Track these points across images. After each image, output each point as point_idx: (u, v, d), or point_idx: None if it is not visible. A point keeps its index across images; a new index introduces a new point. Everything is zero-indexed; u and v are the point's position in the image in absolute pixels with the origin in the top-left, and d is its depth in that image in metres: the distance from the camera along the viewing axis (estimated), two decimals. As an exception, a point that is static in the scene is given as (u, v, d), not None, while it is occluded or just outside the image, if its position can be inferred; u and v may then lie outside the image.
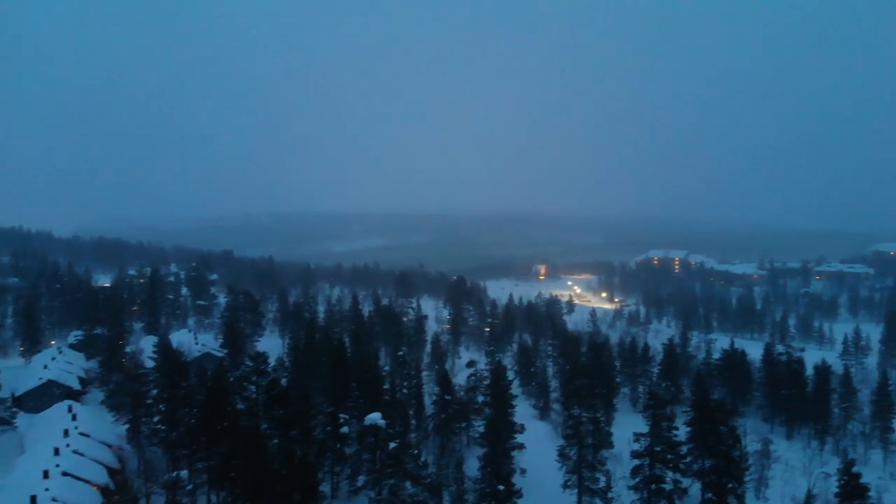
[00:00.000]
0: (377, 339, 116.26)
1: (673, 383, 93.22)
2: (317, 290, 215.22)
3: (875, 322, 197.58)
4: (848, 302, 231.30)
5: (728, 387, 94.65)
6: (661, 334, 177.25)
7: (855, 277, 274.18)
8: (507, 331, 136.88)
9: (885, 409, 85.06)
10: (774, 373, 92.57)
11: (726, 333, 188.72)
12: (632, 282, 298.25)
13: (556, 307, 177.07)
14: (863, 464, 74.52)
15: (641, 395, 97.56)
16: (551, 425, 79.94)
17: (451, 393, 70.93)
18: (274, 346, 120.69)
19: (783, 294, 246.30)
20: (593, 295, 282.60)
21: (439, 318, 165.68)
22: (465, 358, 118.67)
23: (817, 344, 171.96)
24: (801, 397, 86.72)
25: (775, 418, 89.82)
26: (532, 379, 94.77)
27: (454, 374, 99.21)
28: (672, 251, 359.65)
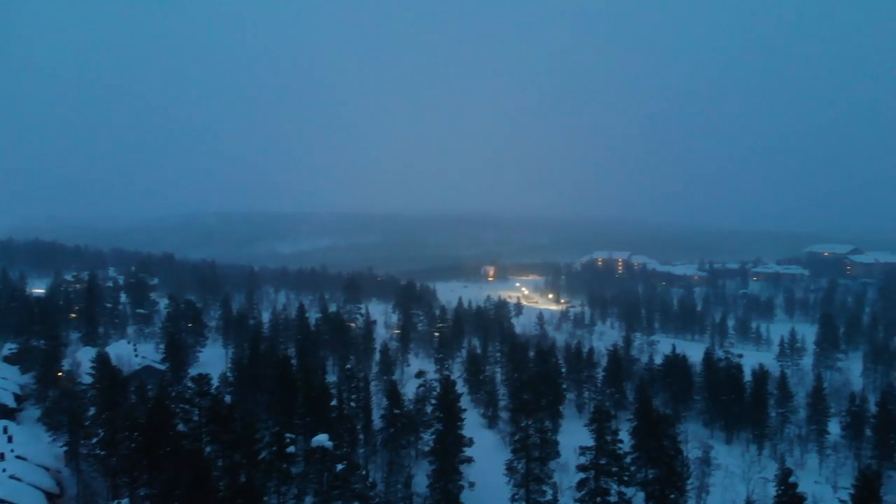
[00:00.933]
0: (325, 348, 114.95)
1: (617, 389, 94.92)
2: (261, 296, 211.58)
3: (810, 322, 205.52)
4: (784, 303, 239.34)
5: (670, 392, 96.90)
6: (605, 336, 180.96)
7: (790, 278, 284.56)
8: (456, 336, 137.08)
9: (821, 412, 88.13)
10: (714, 378, 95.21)
11: (668, 335, 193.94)
12: (577, 283, 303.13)
13: (504, 310, 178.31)
14: (799, 467, 77.38)
15: (587, 401, 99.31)
16: (500, 435, 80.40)
17: (400, 406, 70.64)
18: (217, 356, 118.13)
19: (722, 295, 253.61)
20: (540, 296, 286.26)
21: (388, 324, 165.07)
22: (415, 365, 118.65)
23: (755, 345, 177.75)
24: (739, 402, 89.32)
25: (715, 423, 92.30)
26: (481, 387, 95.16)
27: (403, 384, 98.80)
28: (616, 252, 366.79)
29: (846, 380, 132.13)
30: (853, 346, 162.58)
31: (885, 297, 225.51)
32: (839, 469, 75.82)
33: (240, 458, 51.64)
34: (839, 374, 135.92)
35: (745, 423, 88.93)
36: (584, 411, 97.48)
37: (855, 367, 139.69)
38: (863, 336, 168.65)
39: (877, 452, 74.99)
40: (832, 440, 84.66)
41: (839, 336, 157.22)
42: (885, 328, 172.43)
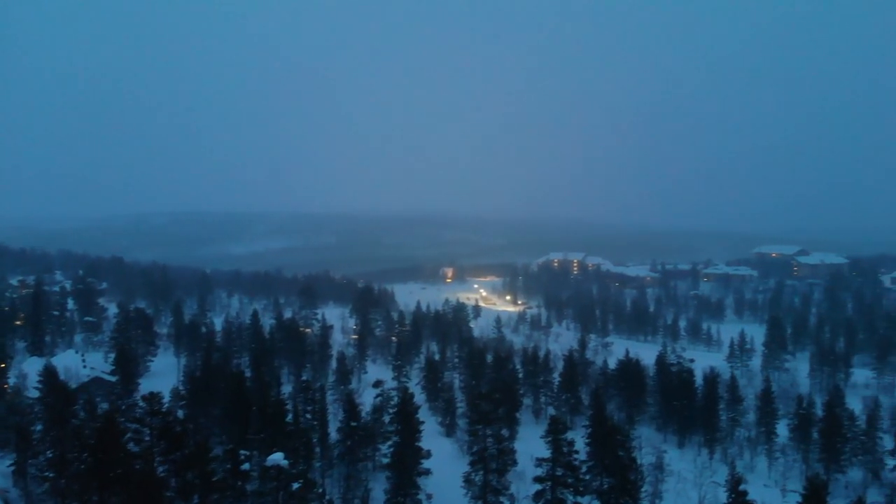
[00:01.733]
0: (280, 356, 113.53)
1: (573, 395, 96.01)
2: (214, 301, 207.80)
3: (759, 323, 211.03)
4: (734, 303, 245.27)
5: (624, 397, 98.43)
6: (561, 338, 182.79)
7: (740, 279, 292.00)
8: (414, 342, 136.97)
9: (769, 415, 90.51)
10: (667, 383, 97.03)
11: (622, 336, 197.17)
12: (534, 284, 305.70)
13: (462, 314, 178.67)
14: (749, 471, 79.53)
15: (543, 406, 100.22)
16: (458, 444, 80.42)
17: (357, 418, 70.07)
18: (169, 365, 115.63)
19: (674, 296, 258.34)
20: (498, 297, 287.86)
21: (345, 329, 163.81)
22: (373, 373, 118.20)
23: (706, 346, 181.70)
24: (691, 407, 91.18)
25: (668, 427, 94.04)
26: (439, 395, 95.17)
27: (361, 393, 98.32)
28: (571, 253, 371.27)
29: (793, 380, 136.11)
30: (800, 347, 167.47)
31: (829, 298, 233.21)
32: (788, 472, 78.08)
33: (193, 477, 50.45)
34: (787, 375, 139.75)
35: (696, 427, 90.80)
36: (541, 417, 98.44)
37: (802, 367, 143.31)
38: (809, 337, 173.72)
39: (824, 456, 77.36)
40: (781, 442, 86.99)
41: (786, 337, 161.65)
42: (830, 329, 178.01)
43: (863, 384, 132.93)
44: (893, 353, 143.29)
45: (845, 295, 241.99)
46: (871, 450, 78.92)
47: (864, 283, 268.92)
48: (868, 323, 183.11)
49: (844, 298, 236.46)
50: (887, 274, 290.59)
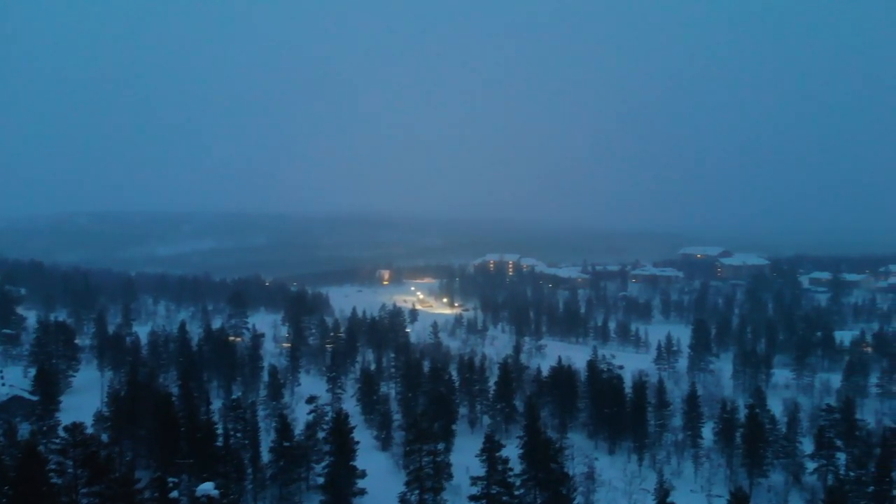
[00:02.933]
0: (209, 370, 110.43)
1: (507, 404, 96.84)
2: (139, 308, 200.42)
3: (685, 324, 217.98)
4: (661, 304, 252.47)
5: (556, 403, 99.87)
6: (497, 341, 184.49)
7: (666, 280, 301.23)
8: (349, 350, 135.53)
9: (695, 419, 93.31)
10: (597, 390, 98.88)
11: (555, 337, 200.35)
12: (470, 286, 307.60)
13: (399, 319, 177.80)
14: (676, 476, 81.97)
15: (479, 415, 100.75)
16: (393, 458, 79.95)
17: (290, 437, 68.73)
18: (92, 380, 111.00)
19: (604, 297, 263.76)
20: (435, 300, 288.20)
21: (277, 337, 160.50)
22: (306, 384, 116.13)
23: (634, 348, 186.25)
24: (620, 413, 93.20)
25: (599, 434, 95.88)
26: (374, 407, 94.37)
27: (294, 407, 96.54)
28: (507, 255, 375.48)
29: (718, 382, 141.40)
30: (724, 348, 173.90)
31: (751, 299, 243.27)
32: (713, 477, 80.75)
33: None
34: (712, 377, 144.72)
35: (626, 433, 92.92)
36: (477, 426, 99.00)
37: (726, 368, 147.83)
38: (732, 338, 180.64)
39: (747, 461, 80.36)
40: (707, 446, 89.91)
41: (711, 339, 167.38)
42: (752, 330, 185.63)
43: (783, 385, 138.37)
44: (811, 353, 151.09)
45: (766, 296, 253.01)
46: (792, 453, 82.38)
47: (784, 283, 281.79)
48: (787, 324, 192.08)
49: (765, 299, 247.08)
50: (805, 275, 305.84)
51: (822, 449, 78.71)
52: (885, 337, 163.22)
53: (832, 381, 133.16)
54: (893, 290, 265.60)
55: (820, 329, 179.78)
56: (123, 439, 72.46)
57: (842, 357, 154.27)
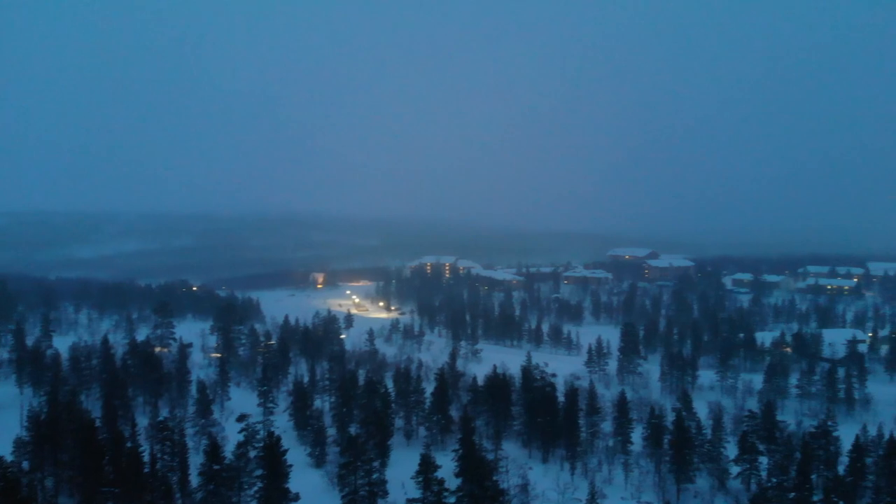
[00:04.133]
0: (134, 384, 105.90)
1: (443, 416, 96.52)
2: (60, 316, 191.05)
3: (614, 325, 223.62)
4: (591, 306, 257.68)
5: (491, 412, 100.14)
6: (433, 346, 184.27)
7: (596, 282, 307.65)
8: (282, 361, 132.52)
9: (624, 424, 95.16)
10: (531, 398, 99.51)
11: (490, 341, 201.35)
12: (407, 289, 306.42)
13: (333, 327, 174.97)
14: (608, 483, 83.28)
15: (415, 427, 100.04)
16: (328, 476, 78.39)
17: (219, 460, 66.35)
18: (12, 396, 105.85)
19: (537, 299, 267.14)
20: (371, 303, 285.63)
21: (206, 347, 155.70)
22: (237, 398, 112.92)
23: (566, 350, 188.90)
24: (554, 422, 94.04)
25: (533, 442, 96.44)
26: (308, 422, 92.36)
27: (224, 425, 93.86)
28: (443, 257, 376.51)
29: (646, 384, 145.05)
30: (652, 350, 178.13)
31: (677, 301, 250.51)
32: (642, 484, 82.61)
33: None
34: (640, 379, 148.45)
35: (559, 441, 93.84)
36: (413, 438, 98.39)
37: (655, 369, 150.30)
38: (660, 340, 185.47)
39: (674, 467, 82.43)
40: (636, 450, 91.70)
41: (639, 341, 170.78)
42: (678, 332, 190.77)
43: (708, 386, 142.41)
44: (734, 355, 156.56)
45: (691, 297, 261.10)
46: (717, 458, 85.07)
47: (708, 285, 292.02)
48: (712, 325, 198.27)
49: (690, 300, 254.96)
50: (728, 276, 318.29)
51: (745, 453, 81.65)
52: (803, 338, 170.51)
53: (754, 382, 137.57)
54: (811, 290, 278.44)
55: (742, 330, 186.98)
56: (45, 466, 68.66)
57: (763, 358, 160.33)
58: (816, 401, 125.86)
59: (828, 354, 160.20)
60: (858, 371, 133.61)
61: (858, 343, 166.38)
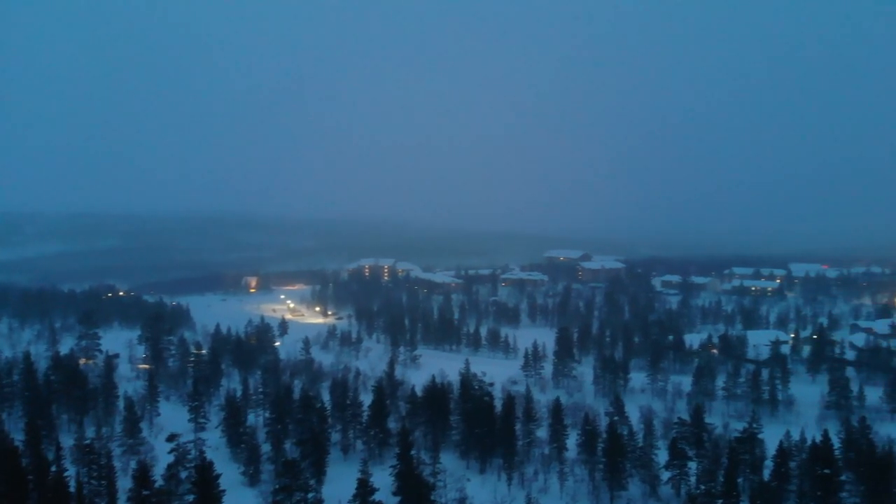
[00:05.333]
0: (57, 401, 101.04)
1: (381, 429, 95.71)
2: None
3: (550, 327, 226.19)
4: (528, 309, 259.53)
5: (429, 423, 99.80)
6: (371, 353, 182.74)
7: (533, 284, 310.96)
8: (213, 372, 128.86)
9: (559, 431, 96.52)
10: (469, 408, 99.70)
11: (429, 346, 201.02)
12: (345, 293, 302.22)
13: (267, 335, 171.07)
14: (544, 493, 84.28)
15: (352, 441, 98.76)
16: (262, 496, 76.38)
17: (149, 484, 63.82)
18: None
19: (476, 302, 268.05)
20: (307, 308, 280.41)
21: (133, 358, 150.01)
22: (167, 414, 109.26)
23: (504, 354, 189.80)
24: (491, 432, 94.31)
25: (471, 453, 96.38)
26: (241, 440, 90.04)
27: (153, 443, 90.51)
28: (382, 259, 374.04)
29: (581, 387, 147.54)
30: (586, 353, 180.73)
31: (609, 303, 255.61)
32: (577, 493, 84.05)
33: None
34: (575, 382, 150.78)
35: (497, 450, 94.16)
36: (350, 452, 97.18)
37: (588, 372, 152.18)
38: (593, 342, 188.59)
39: (607, 474, 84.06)
40: (571, 457, 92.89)
41: (573, 345, 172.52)
42: (610, 334, 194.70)
43: (640, 388, 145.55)
44: (664, 357, 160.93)
45: (623, 298, 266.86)
46: (648, 464, 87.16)
47: (639, 286, 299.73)
48: (642, 327, 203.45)
49: (622, 302, 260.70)
50: (658, 277, 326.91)
51: (675, 459, 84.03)
52: (728, 340, 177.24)
53: (684, 384, 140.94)
54: (736, 291, 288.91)
55: (671, 332, 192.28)
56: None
57: (692, 360, 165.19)
58: (742, 402, 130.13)
59: (752, 356, 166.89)
60: (782, 372, 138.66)
61: (781, 344, 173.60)
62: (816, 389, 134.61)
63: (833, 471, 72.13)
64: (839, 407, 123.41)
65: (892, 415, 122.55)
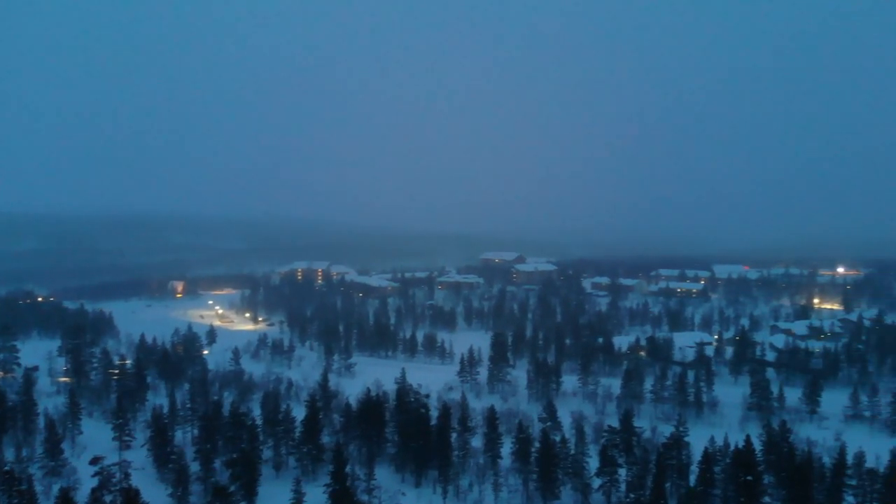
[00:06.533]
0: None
1: (314, 445, 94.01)
2: None
3: (485, 330, 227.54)
4: (464, 312, 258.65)
5: (364, 437, 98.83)
6: (304, 361, 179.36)
7: (469, 287, 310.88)
8: (139, 386, 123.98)
9: (494, 440, 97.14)
10: (404, 421, 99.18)
11: (365, 353, 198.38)
12: (276, 297, 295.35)
13: (195, 345, 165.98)
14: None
15: (285, 458, 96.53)
16: (192, 518, 74.36)
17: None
18: None
19: (412, 306, 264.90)
20: (236, 314, 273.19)
21: (54, 370, 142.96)
22: (90, 431, 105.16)
23: (440, 359, 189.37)
24: (426, 445, 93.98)
25: (406, 466, 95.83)
26: (169, 459, 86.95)
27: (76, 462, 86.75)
28: (316, 262, 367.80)
29: (515, 391, 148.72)
30: (520, 356, 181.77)
31: (542, 306, 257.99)
32: (511, 502, 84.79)
33: None
34: (509, 387, 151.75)
35: (432, 462, 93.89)
36: (283, 470, 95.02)
37: (523, 376, 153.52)
38: (527, 346, 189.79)
39: (540, 484, 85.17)
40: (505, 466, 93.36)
41: (507, 349, 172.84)
42: (543, 337, 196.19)
43: (571, 392, 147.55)
44: (594, 360, 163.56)
45: (555, 301, 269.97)
46: (580, 472, 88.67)
47: (570, 288, 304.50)
48: (573, 330, 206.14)
49: (555, 305, 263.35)
50: (588, 279, 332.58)
51: (606, 466, 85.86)
52: (655, 342, 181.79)
53: (614, 387, 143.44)
54: (663, 293, 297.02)
55: (601, 335, 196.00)
56: None
57: (621, 362, 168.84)
58: (669, 405, 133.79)
59: (679, 358, 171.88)
60: (706, 374, 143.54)
61: (706, 346, 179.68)
62: (739, 391, 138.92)
63: (755, 477, 75.10)
64: (760, 408, 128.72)
65: (811, 416, 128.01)
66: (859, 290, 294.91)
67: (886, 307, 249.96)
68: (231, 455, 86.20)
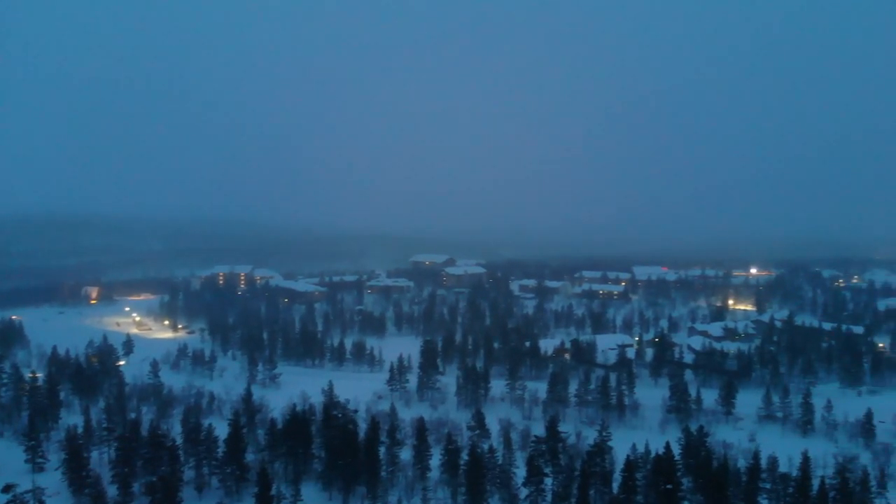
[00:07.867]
0: None
1: (238, 465, 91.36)
2: None
3: (416, 335, 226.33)
4: (394, 317, 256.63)
5: (291, 454, 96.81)
6: (227, 372, 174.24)
7: (399, 291, 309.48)
8: (52, 403, 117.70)
9: (423, 451, 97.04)
10: (331, 436, 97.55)
11: (291, 362, 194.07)
12: (197, 304, 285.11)
13: (110, 357, 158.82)
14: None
15: (207, 479, 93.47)
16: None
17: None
18: None
19: (341, 312, 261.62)
20: (155, 322, 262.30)
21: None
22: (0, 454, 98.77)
23: (370, 367, 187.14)
24: (354, 462, 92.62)
25: (334, 484, 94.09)
26: (84, 483, 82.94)
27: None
28: (238, 266, 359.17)
29: (444, 398, 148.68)
30: (449, 362, 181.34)
31: (471, 309, 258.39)
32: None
33: None
34: (439, 394, 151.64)
35: (361, 478, 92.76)
36: (205, 491, 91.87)
37: (452, 382, 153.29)
38: (456, 351, 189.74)
39: (468, 497, 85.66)
40: (434, 477, 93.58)
41: (437, 355, 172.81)
42: (473, 342, 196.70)
43: (500, 397, 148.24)
44: (521, 363, 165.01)
45: (485, 304, 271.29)
46: (508, 482, 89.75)
47: (499, 291, 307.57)
48: (502, 333, 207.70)
49: (484, 308, 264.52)
50: (516, 281, 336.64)
51: (533, 476, 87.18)
52: (579, 345, 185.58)
53: (540, 391, 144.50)
54: (586, 295, 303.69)
55: (528, 338, 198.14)
56: None
57: (547, 365, 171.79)
58: (593, 408, 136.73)
59: (601, 361, 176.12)
60: (628, 377, 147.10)
61: (627, 348, 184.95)
62: (659, 393, 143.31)
63: (674, 485, 77.95)
64: (679, 410, 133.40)
65: (727, 417, 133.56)
66: (771, 290, 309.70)
67: (796, 308, 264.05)
68: (150, 478, 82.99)
